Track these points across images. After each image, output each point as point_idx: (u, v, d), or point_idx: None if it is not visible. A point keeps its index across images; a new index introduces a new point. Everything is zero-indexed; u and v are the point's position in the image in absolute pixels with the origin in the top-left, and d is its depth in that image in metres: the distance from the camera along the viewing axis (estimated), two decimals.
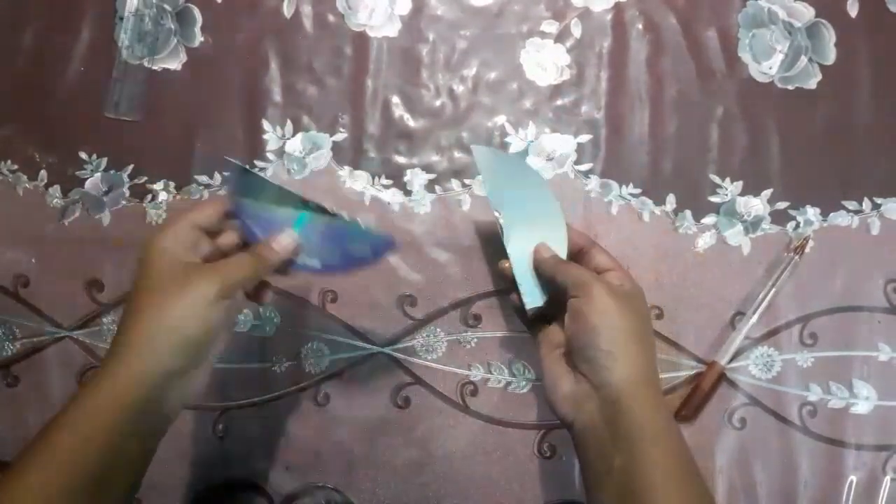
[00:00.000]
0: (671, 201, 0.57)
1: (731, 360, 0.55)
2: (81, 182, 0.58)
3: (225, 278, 0.41)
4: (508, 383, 0.55)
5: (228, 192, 0.45)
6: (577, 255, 0.48)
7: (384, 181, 0.57)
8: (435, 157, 0.57)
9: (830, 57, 0.57)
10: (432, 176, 0.57)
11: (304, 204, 0.45)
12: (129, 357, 0.40)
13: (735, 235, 0.56)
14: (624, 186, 0.57)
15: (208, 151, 0.57)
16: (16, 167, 0.58)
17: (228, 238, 0.45)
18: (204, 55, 0.58)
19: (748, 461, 0.54)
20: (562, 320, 0.44)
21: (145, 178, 0.58)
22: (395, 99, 0.58)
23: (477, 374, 0.56)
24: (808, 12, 0.58)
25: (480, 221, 0.56)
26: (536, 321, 0.48)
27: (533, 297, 0.47)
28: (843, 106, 0.57)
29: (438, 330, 0.56)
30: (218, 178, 0.57)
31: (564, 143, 0.57)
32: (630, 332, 0.42)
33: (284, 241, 0.45)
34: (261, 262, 0.44)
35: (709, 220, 0.56)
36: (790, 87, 0.57)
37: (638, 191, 0.57)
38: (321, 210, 0.45)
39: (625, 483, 0.40)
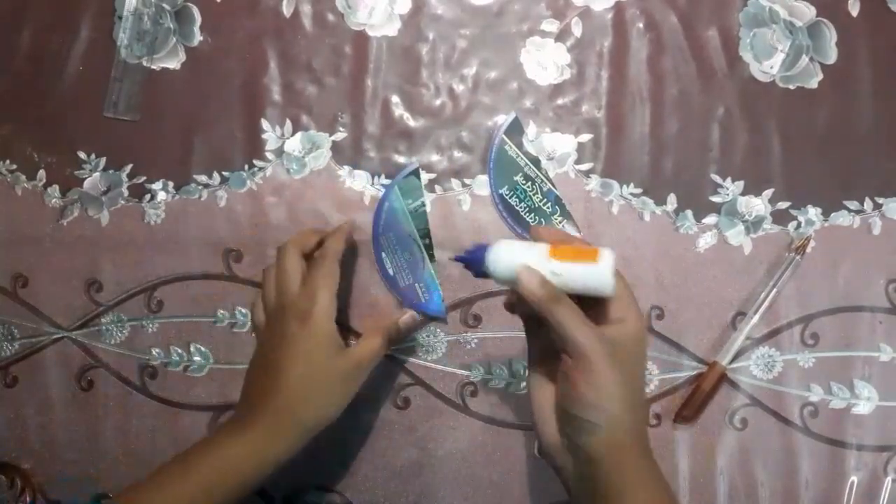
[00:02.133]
0: (672, 201, 0.56)
1: (732, 361, 0.54)
2: (80, 182, 0.58)
3: (365, 367, 0.49)
4: (508, 384, 0.55)
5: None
6: None
7: (384, 180, 0.57)
8: (435, 157, 0.57)
9: (832, 56, 0.57)
10: (432, 175, 0.57)
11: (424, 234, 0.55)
12: (278, 422, 0.47)
13: (736, 235, 0.56)
14: (625, 186, 0.57)
15: (207, 151, 0.57)
16: (14, 167, 0.58)
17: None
18: (203, 54, 0.58)
19: (749, 462, 0.54)
20: (555, 359, 0.41)
21: (144, 178, 0.57)
22: (395, 98, 0.58)
23: (477, 374, 0.55)
24: (810, 11, 0.58)
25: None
26: (533, 348, 0.44)
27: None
28: (844, 105, 0.57)
29: (438, 330, 0.56)
30: (217, 177, 0.57)
31: (565, 143, 0.57)
32: (623, 398, 0.39)
33: (406, 318, 0.54)
34: (390, 343, 0.52)
35: (710, 219, 0.56)
36: (791, 87, 0.57)
37: (639, 190, 0.57)
38: (429, 246, 0.55)
39: None
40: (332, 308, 0.48)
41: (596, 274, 0.39)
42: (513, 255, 0.41)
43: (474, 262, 0.42)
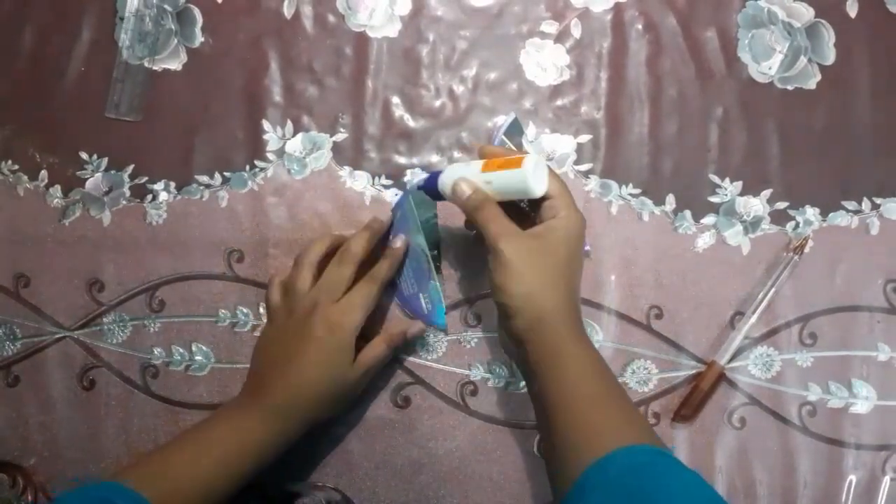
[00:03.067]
0: (671, 201, 0.57)
1: (730, 360, 0.55)
2: (82, 182, 0.58)
3: (371, 374, 0.52)
4: (508, 383, 0.55)
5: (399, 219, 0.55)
6: None
7: (384, 181, 0.57)
8: (435, 158, 0.57)
9: (830, 57, 0.58)
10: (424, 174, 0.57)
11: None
12: (287, 403, 0.49)
13: (734, 235, 0.56)
14: (624, 186, 0.57)
15: (209, 152, 0.58)
16: (16, 167, 0.58)
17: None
18: (204, 55, 0.58)
19: (748, 461, 0.54)
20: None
21: (146, 178, 0.58)
22: (396, 99, 0.58)
23: (477, 373, 0.56)
24: (808, 13, 0.58)
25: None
26: None
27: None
28: (842, 106, 0.57)
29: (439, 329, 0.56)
30: (218, 178, 0.57)
31: (564, 144, 0.57)
32: (542, 284, 0.45)
33: (415, 330, 0.54)
34: (395, 351, 0.54)
35: (708, 220, 0.57)
36: (790, 88, 0.58)
37: (637, 191, 0.57)
38: (436, 258, 0.55)
39: (540, 408, 0.45)
40: (361, 326, 0.51)
41: (520, 178, 0.45)
42: (455, 173, 0.49)
43: (430, 186, 0.50)
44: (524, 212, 0.49)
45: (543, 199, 0.47)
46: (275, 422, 0.49)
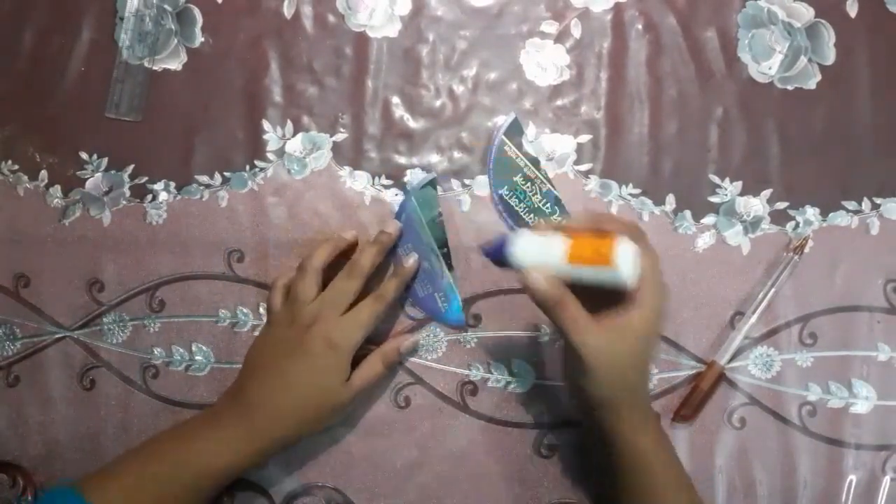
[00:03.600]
0: (671, 201, 0.57)
1: (730, 360, 0.55)
2: (82, 182, 0.58)
3: (363, 394, 0.51)
4: (508, 383, 0.55)
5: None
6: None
7: (384, 181, 0.57)
8: (435, 158, 0.57)
9: (830, 57, 0.58)
10: (432, 176, 0.57)
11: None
12: (264, 425, 0.48)
13: (734, 235, 0.56)
14: (624, 186, 0.57)
15: (209, 152, 0.58)
16: (16, 167, 0.58)
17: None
18: (204, 55, 0.58)
19: (748, 461, 0.54)
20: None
21: (146, 178, 0.58)
22: (396, 99, 0.58)
23: (477, 373, 0.56)
24: (808, 13, 0.58)
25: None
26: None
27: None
28: (842, 106, 0.57)
29: (438, 329, 0.56)
30: (218, 178, 0.57)
31: (564, 144, 0.57)
32: (619, 382, 0.44)
33: (408, 344, 0.54)
34: (389, 364, 0.53)
35: (708, 220, 0.57)
36: (790, 88, 0.58)
37: (637, 191, 0.57)
38: (447, 256, 0.55)
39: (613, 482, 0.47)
40: (360, 344, 0.50)
41: (613, 275, 0.41)
42: (532, 251, 0.43)
43: (497, 256, 0.45)
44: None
45: None
46: (248, 449, 0.48)
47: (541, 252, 0.43)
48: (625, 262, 0.40)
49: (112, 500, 0.45)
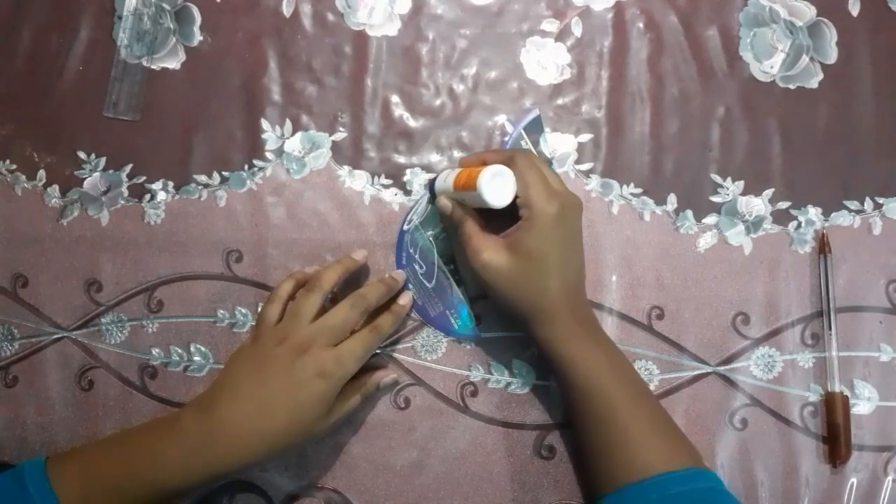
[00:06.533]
0: (672, 201, 0.56)
1: (728, 362, 0.54)
2: (80, 182, 0.57)
3: (338, 426, 0.52)
4: (508, 383, 0.55)
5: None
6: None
7: (384, 181, 0.57)
8: (435, 157, 0.57)
9: (832, 56, 0.57)
10: (432, 175, 0.57)
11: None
12: (226, 450, 0.46)
13: (736, 235, 0.56)
14: (625, 186, 0.57)
15: (207, 151, 0.57)
16: (14, 167, 0.58)
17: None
18: (203, 54, 0.58)
19: (749, 461, 0.54)
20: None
21: (144, 178, 0.57)
22: (395, 98, 0.58)
23: (477, 374, 0.55)
24: (810, 11, 0.58)
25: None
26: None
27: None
28: (844, 105, 0.57)
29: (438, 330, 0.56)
30: (217, 177, 0.57)
31: (565, 143, 0.57)
32: (528, 286, 0.48)
33: (387, 381, 0.54)
34: (366, 400, 0.53)
35: (710, 219, 0.56)
36: (791, 87, 0.57)
37: (639, 190, 0.57)
38: (454, 271, 0.55)
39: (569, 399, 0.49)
40: (350, 377, 0.49)
41: (479, 197, 0.47)
42: (440, 184, 0.52)
43: (430, 189, 0.54)
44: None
45: (516, 197, 0.48)
46: (204, 472, 0.46)
47: (445, 182, 0.51)
48: (485, 184, 0.46)
49: (67, 487, 0.45)
